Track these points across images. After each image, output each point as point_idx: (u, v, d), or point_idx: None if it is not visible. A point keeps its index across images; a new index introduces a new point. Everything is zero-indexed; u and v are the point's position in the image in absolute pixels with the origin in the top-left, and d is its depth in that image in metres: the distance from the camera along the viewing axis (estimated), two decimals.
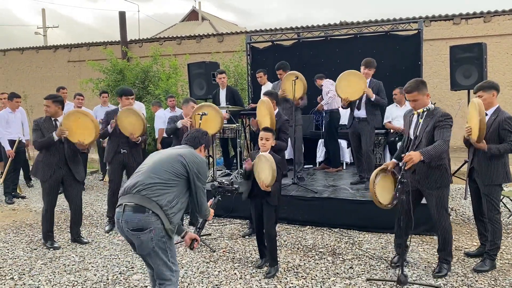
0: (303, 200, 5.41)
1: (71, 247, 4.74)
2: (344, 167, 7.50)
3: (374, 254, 4.37)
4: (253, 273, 3.96)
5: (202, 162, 2.90)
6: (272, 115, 4.68)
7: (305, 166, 7.37)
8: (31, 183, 8.22)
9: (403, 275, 3.46)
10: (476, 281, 3.69)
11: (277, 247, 4.05)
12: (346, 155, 7.60)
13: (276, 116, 4.83)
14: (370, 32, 7.94)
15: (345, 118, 6.68)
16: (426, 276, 3.79)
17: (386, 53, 7.63)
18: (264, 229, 3.95)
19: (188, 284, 3.74)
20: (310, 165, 7.74)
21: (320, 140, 7.66)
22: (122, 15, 13.74)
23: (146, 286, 3.71)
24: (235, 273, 3.95)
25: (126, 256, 4.44)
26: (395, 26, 7.99)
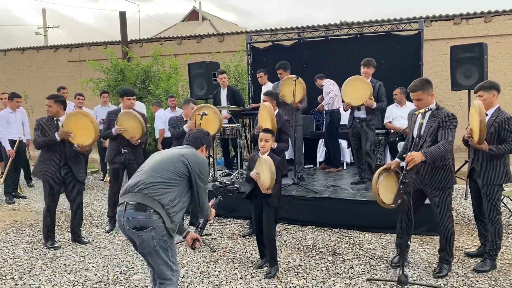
0: (304, 200, 5.41)
1: (71, 247, 4.74)
2: (345, 167, 7.50)
3: (374, 254, 4.37)
4: (253, 273, 3.96)
5: (204, 162, 2.91)
6: (274, 120, 4.65)
7: (306, 166, 7.38)
8: (31, 183, 8.23)
9: (403, 275, 3.46)
10: (477, 281, 3.69)
11: (277, 247, 4.05)
12: (347, 155, 7.60)
13: (276, 117, 4.83)
14: (370, 32, 7.94)
15: (345, 118, 6.68)
16: (427, 276, 3.79)
17: (387, 53, 7.64)
18: (263, 229, 3.95)
19: (189, 284, 3.75)
20: (310, 165, 7.74)
21: (321, 140, 7.65)
22: (122, 15, 13.74)
23: (147, 286, 3.71)
24: (236, 273, 3.96)
25: (126, 256, 4.44)
26: (395, 26, 7.99)
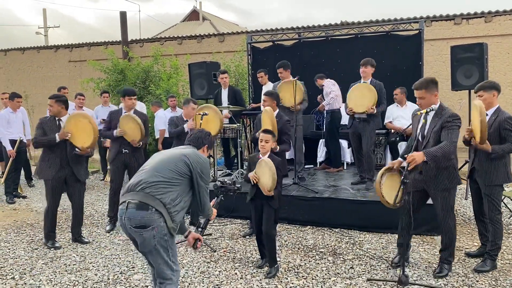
0: (304, 200, 5.41)
1: (72, 247, 4.75)
2: (345, 167, 7.50)
3: (374, 254, 4.37)
4: (253, 273, 3.96)
5: (206, 162, 2.94)
6: (274, 125, 4.63)
7: (306, 166, 7.37)
8: (32, 183, 8.23)
9: (404, 275, 3.46)
10: (477, 281, 3.69)
11: (276, 247, 4.05)
12: (347, 155, 7.60)
13: (276, 117, 4.83)
14: (371, 32, 7.94)
15: (346, 118, 6.66)
16: (427, 276, 3.79)
17: (387, 53, 7.64)
18: (263, 229, 3.95)
19: (189, 284, 3.75)
20: (311, 165, 7.74)
21: (321, 140, 7.65)
22: (123, 15, 13.73)
23: (147, 286, 3.71)
24: (236, 273, 3.96)
25: (127, 256, 4.45)
26: (396, 26, 7.99)
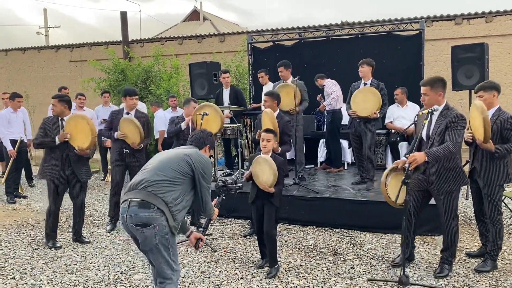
0: (304, 200, 5.41)
1: (72, 247, 4.75)
2: (346, 167, 7.50)
3: (375, 254, 4.37)
4: (254, 273, 3.96)
5: (208, 162, 2.97)
6: (276, 126, 4.62)
7: (307, 166, 7.37)
8: (32, 183, 8.23)
9: (404, 275, 3.46)
10: (478, 281, 3.69)
11: (277, 247, 4.05)
12: (348, 155, 7.60)
13: (277, 117, 4.82)
14: (371, 32, 7.94)
15: (347, 118, 6.67)
16: (428, 276, 3.79)
17: (388, 53, 7.64)
18: (264, 229, 3.95)
19: (189, 284, 3.75)
20: (311, 165, 7.74)
21: (322, 140, 7.65)
22: (123, 15, 13.74)
23: (147, 286, 3.71)
24: (236, 273, 3.96)
25: (127, 255, 4.45)
26: (396, 26, 7.99)
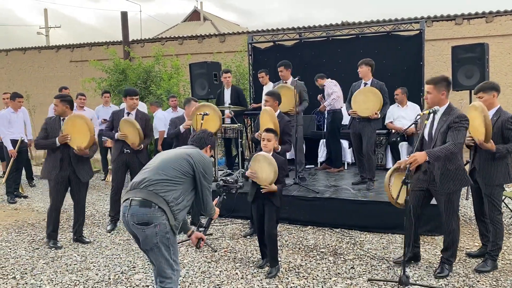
0: (305, 200, 5.41)
1: (73, 247, 4.75)
2: (346, 167, 7.50)
3: (375, 254, 4.37)
4: (254, 273, 3.96)
5: (209, 162, 2.99)
6: (276, 124, 4.62)
7: (307, 166, 7.38)
8: (33, 183, 8.24)
9: (404, 275, 3.46)
10: (478, 281, 3.69)
11: (278, 247, 4.05)
12: (348, 155, 7.60)
13: (278, 117, 4.82)
14: (371, 33, 7.95)
15: (347, 118, 6.67)
16: (428, 276, 3.79)
17: (388, 53, 7.64)
18: (264, 229, 3.95)
19: (190, 283, 3.75)
20: (311, 165, 7.74)
21: (322, 140, 7.65)
22: (124, 15, 13.75)
23: (148, 286, 3.72)
24: (237, 273, 3.96)
25: (127, 255, 4.45)
26: (397, 26, 8.00)
